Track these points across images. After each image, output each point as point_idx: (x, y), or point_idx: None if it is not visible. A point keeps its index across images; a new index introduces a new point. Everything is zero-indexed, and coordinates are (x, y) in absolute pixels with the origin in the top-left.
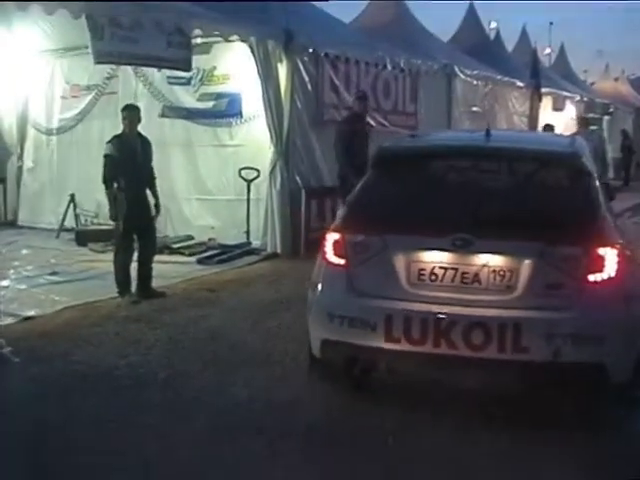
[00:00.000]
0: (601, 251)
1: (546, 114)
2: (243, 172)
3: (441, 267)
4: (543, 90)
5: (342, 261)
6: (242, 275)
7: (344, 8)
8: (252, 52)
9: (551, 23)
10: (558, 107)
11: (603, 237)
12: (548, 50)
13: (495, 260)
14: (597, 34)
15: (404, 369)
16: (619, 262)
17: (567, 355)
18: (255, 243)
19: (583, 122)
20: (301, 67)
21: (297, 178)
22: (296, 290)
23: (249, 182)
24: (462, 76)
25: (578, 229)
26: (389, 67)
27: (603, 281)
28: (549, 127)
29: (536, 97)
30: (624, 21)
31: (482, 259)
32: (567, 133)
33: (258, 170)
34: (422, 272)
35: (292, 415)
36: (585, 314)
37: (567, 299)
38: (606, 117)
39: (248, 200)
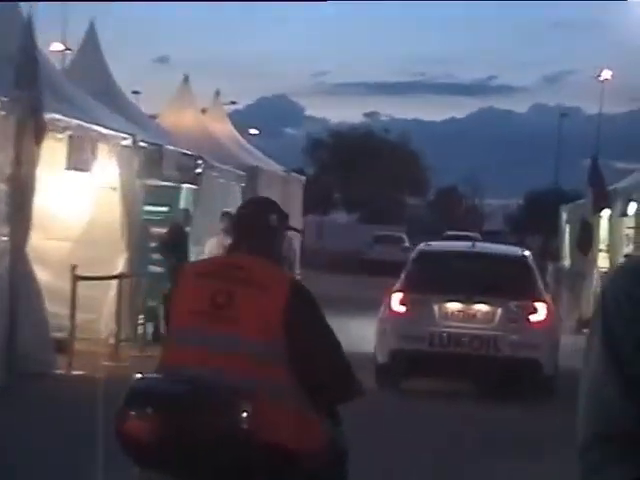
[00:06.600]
0: (536, 304)
1: (55, 176)
2: None
3: (457, 310)
4: (50, 117)
5: (403, 308)
6: None
7: None
8: None
9: None
10: (82, 161)
11: (537, 297)
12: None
13: (483, 307)
14: (161, 27)
15: (440, 364)
16: (547, 310)
17: (519, 353)
18: None
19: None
20: None
21: None
22: None
23: None
24: None
25: (524, 293)
26: None
27: (538, 321)
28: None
29: (31, 136)
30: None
31: (477, 307)
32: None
33: None
34: (447, 312)
35: None
36: (528, 334)
37: (519, 327)
38: (186, 186)
39: None
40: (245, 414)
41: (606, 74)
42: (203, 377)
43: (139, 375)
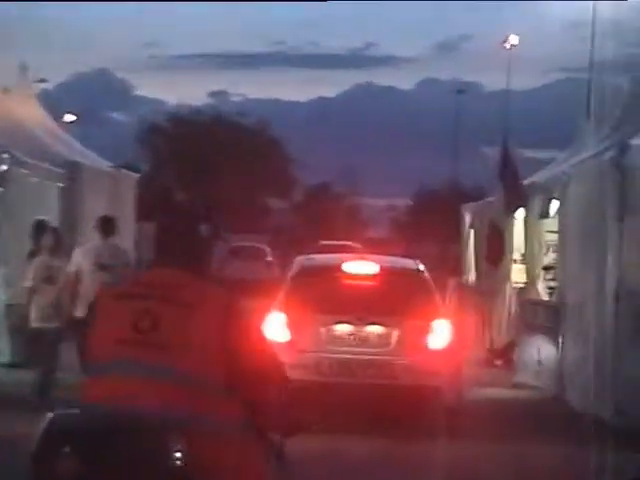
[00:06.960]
0: (436, 324)
1: None
2: None
3: (347, 333)
4: None
5: (284, 332)
6: None
7: None
8: None
9: None
10: None
11: (437, 316)
12: None
13: (377, 329)
14: None
15: (329, 395)
16: (449, 331)
17: (418, 380)
18: None
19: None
20: None
21: None
22: None
23: None
24: None
25: (422, 312)
26: None
27: (438, 343)
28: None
29: None
30: None
31: (370, 329)
32: None
33: None
34: (335, 336)
35: None
36: (428, 358)
37: (418, 351)
38: None
39: None
40: (179, 453)
41: (513, 40)
42: (128, 412)
43: (51, 414)
